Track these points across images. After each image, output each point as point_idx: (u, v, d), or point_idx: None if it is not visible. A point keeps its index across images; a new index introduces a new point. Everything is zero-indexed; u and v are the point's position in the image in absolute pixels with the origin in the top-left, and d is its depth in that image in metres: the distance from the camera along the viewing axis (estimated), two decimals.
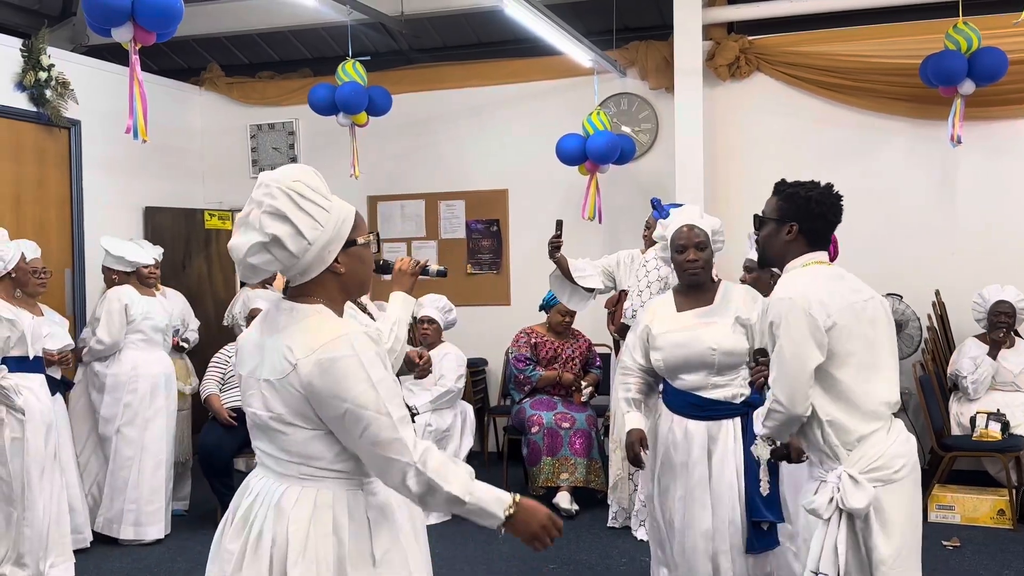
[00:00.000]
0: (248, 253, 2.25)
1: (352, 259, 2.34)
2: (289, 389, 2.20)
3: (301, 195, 2.29)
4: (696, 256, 3.85)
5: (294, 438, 2.24)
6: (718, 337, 3.74)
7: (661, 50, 7.58)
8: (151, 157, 7.82)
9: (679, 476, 3.80)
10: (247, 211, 2.28)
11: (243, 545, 2.28)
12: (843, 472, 2.85)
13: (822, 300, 2.90)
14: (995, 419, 6.06)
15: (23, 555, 4.85)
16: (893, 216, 7.14)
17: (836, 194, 3.15)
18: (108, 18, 4.77)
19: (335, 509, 2.25)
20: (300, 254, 2.25)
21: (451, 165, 8.17)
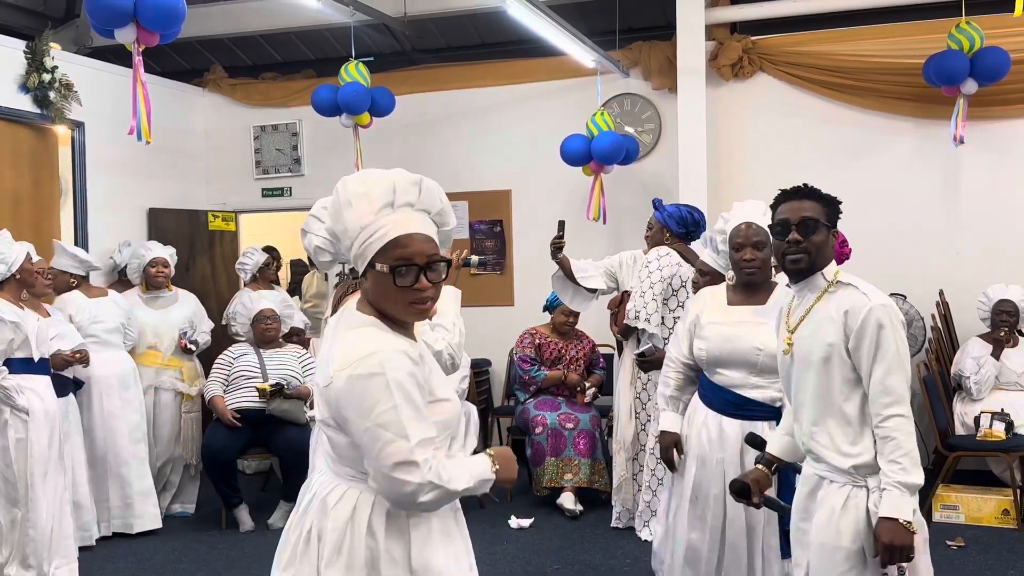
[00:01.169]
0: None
1: (372, 279, 2.29)
2: (330, 397, 2.24)
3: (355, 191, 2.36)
4: (753, 255, 3.73)
5: (338, 441, 2.29)
6: (765, 338, 3.61)
7: (664, 50, 7.58)
8: (155, 159, 7.84)
9: (714, 473, 3.74)
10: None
11: (298, 537, 2.35)
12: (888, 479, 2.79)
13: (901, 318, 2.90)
14: (999, 419, 6.05)
15: (27, 556, 4.86)
16: (897, 216, 7.13)
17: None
18: (111, 20, 4.78)
19: (373, 511, 2.27)
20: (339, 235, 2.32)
21: (454, 166, 8.17)
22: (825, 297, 2.91)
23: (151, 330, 6.42)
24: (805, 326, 2.93)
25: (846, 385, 2.84)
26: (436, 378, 2.34)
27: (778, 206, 3.00)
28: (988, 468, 6.39)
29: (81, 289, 6.05)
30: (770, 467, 3.17)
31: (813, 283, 2.94)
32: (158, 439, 6.42)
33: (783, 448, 3.18)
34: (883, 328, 2.78)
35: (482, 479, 2.30)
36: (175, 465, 6.52)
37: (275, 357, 6.35)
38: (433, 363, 2.40)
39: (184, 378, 6.51)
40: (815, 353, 2.88)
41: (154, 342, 6.42)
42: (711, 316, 3.82)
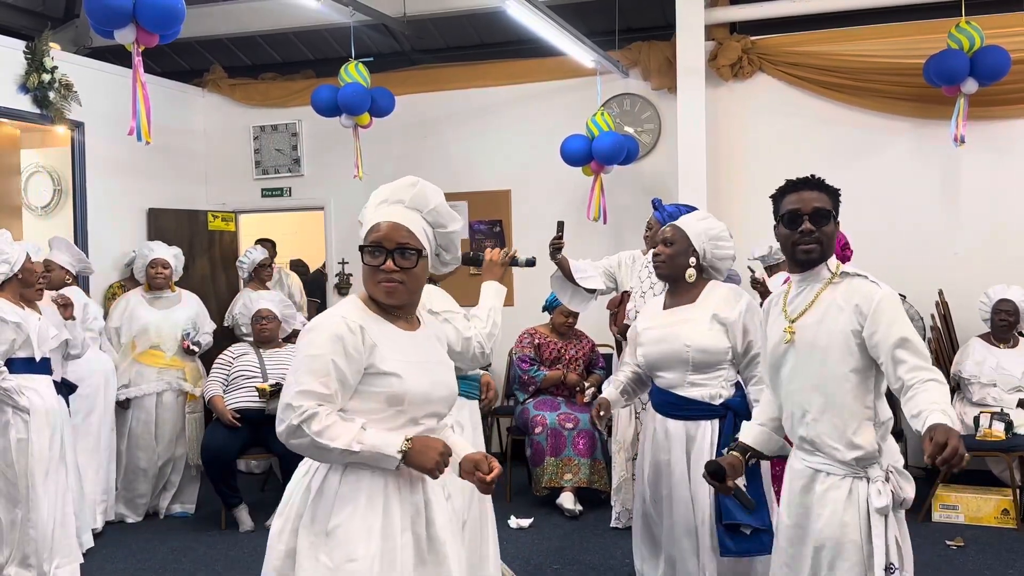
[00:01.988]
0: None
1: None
2: None
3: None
4: (660, 251, 3.89)
5: None
6: (693, 334, 3.73)
7: (664, 50, 7.59)
8: (154, 159, 7.84)
9: (663, 475, 3.82)
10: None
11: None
12: (889, 467, 2.87)
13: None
14: (999, 419, 6.05)
15: (28, 556, 4.86)
16: (896, 216, 7.14)
17: None
18: (110, 20, 4.78)
19: (314, 476, 2.54)
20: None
21: (454, 166, 8.17)
22: (830, 287, 2.92)
23: (153, 330, 6.42)
24: (810, 315, 2.93)
25: (854, 375, 2.86)
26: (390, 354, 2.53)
27: (783, 196, 3.02)
28: (988, 468, 6.39)
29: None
30: (744, 455, 3.19)
31: (817, 274, 2.96)
32: (159, 439, 6.42)
33: (757, 438, 3.20)
34: (898, 309, 2.81)
35: (376, 451, 2.46)
36: (176, 465, 6.51)
37: (275, 357, 6.35)
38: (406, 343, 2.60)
39: (187, 378, 6.51)
40: (821, 340, 2.88)
41: (156, 342, 6.42)
42: (646, 322, 3.93)
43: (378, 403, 2.52)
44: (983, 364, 6.42)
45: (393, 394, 2.53)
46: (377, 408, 2.53)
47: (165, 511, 6.51)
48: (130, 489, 6.41)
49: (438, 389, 2.64)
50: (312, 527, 2.49)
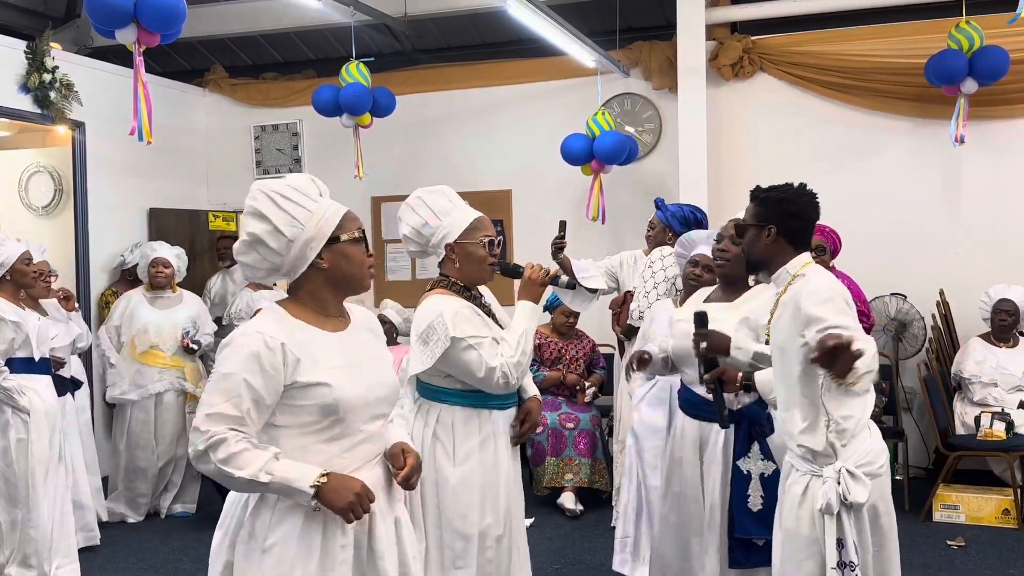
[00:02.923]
0: (237, 252, 2.49)
1: (336, 255, 2.47)
2: None
3: (282, 195, 2.44)
4: (726, 247, 3.70)
5: None
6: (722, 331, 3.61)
7: (664, 50, 7.59)
8: (155, 159, 7.84)
9: (675, 472, 3.81)
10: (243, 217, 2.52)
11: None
12: (841, 468, 2.90)
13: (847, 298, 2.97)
14: (999, 418, 6.05)
15: (28, 556, 4.85)
16: (897, 215, 7.14)
17: (810, 193, 3.15)
18: (111, 20, 4.78)
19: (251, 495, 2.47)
20: (283, 251, 2.44)
21: (455, 166, 8.17)
22: (789, 289, 3.03)
23: (153, 329, 6.42)
24: (776, 317, 3.07)
25: (803, 374, 2.93)
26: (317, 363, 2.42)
27: None
28: (988, 468, 6.39)
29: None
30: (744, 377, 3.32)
31: (779, 278, 3.08)
32: (160, 439, 6.42)
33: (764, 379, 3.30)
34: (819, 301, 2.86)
35: (287, 484, 2.34)
36: (177, 465, 6.51)
37: None
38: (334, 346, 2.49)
39: (187, 378, 6.50)
40: (779, 340, 3.03)
41: (156, 341, 6.41)
42: (682, 313, 3.86)
43: (312, 416, 2.41)
44: (984, 364, 6.42)
45: (325, 404, 2.41)
46: (312, 421, 2.42)
47: (166, 511, 6.50)
48: (131, 489, 6.41)
49: (375, 390, 2.52)
50: (249, 543, 2.43)
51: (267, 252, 2.44)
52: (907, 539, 5.51)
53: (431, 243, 3.45)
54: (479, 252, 3.36)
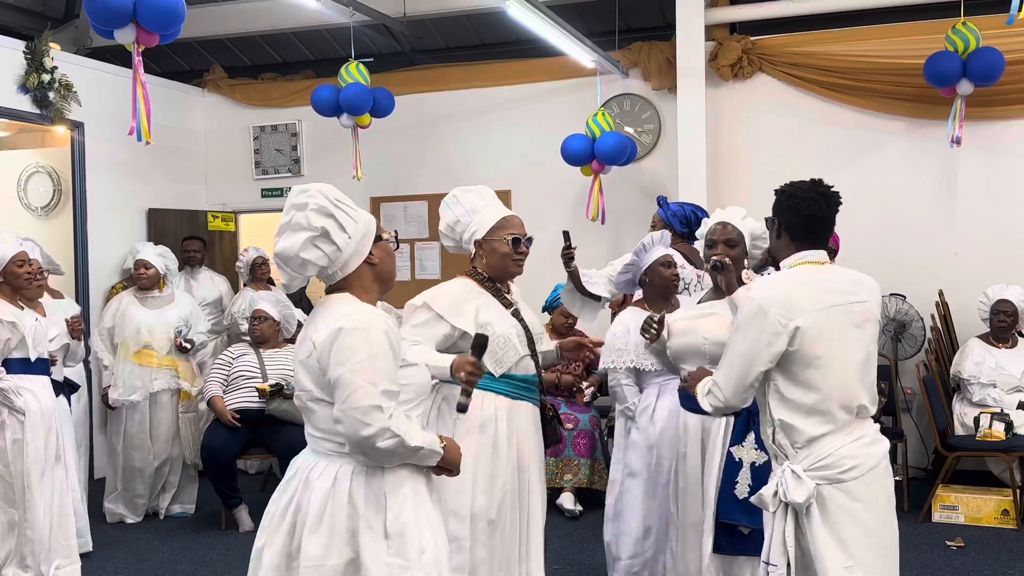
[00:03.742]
0: (301, 248, 2.54)
1: (383, 251, 2.67)
2: (312, 364, 2.52)
3: (337, 198, 2.59)
4: (724, 252, 3.81)
5: (321, 414, 2.55)
6: (712, 328, 3.66)
7: (664, 51, 7.58)
8: (154, 159, 7.84)
9: (680, 468, 3.86)
10: (288, 217, 2.58)
11: (275, 510, 2.60)
12: (787, 467, 2.93)
13: (788, 304, 2.92)
14: (999, 419, 6.05)
15: (25, 557, 4.84)
16: (896, 216, 7.14)
17: (815, 189, 3.10)
18: (110, 20, 4.78)
19: (352, 482, 2.50)
20: (343, 246, 2.57)
21: (454, 166, 8.17)
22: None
23: (145, 329, 6.39)
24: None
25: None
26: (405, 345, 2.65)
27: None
28: (988, 468, 6.40)
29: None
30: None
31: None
32: (155, 439, 6.40)
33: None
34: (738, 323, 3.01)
35: (432, 448, 2.56)
36: (173, 465, 6.50)
37: (274, 357, 6.34)
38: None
39: (181, 377, 6.48)
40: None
41: (148, 341, 6.37)
42: (676, 315, 3.90)
43: (408, 394, 2.59)
44: (983, 364, 6.42)
45: (420, 384, 2.65)
46: (408, 399, 2.59)
47: (165, 511, 6.50)
48: (129, 489, 6.41)
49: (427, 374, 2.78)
50: (372, 533, 2.48)
51: (330, 248, 2.56)
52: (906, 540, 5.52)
53: (463, 239, 3.68)
54: (503, 249, 3.56)
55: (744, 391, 2.99)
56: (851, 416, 2.97)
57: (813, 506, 2.89)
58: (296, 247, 2.53)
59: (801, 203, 3.07)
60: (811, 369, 2.92)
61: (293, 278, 2.62)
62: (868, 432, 3.01)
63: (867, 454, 2.96)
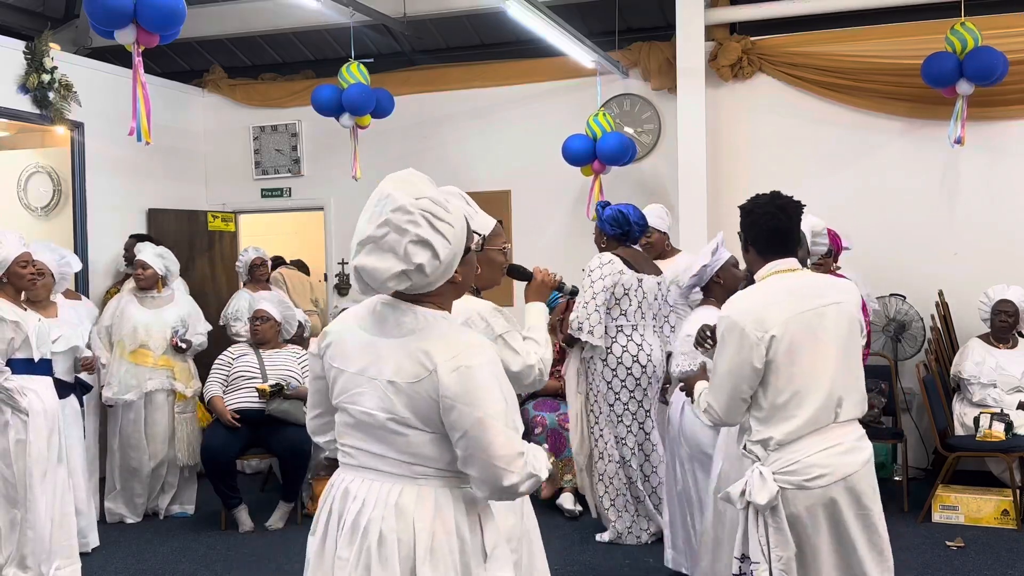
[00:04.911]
0: (390, 279, 2.26)
1: (467, 267, 2.42)
2: (422, 393, 2.25)
3: (436, 216, 2.29)
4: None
5: (413, 440, 2.29)
6: None
7: (664, 51, 7.58)
8: (154, 159, 7.85)
9: (705, 467, 3.83)
10: (381, 233, 2.27)
11: (360, 550, 2.31)
12: (757, 468, 3.00)
13: (759, 317, 3.00)
14: (999, 419, 6.05)
15: (26, 557, 4.84)
16: (896, 216, 7.13)
17: (773, 203, 3.19)
18: (111, 20, 4.78)
19: (455, 508, 2.33)
20: (432, 273, 2.28)
21: (454, 166, 8.17)
22: None
23: (142, 329, 6.37)
24: None
25: None
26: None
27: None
28: (988, 468, 6.40)
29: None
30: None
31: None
32: (151, 439, 6.38)
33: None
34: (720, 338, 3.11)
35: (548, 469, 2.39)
36: (171, 466, 6.49)
37: (274, 357, 6.35)
38: None
39: (177, 378, 6.46)
40: None
41: (145, 340, 6.36)
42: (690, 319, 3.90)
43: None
44: (983, 365, 6.42)
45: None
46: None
47: (165, 511, 6.50)
48: (127, 490, 6.40)
49: None
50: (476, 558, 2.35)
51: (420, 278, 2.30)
52: (906, 540, 5.53)
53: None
54: (499, 258, 3.26)
55: (737, 407, 3.05)
56: (829, 420, 3.01)
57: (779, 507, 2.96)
58: (385, 275, 2.25)
59: (760, 218, 3.17)
60: (783, 374, 2.99)
61: (366, 290, 2.35)
62: (846, 439, 3.04)
63: (839, 463, 3.00)
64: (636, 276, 5.44)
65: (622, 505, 5.57)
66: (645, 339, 5.48)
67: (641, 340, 5.47)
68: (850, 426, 3.07)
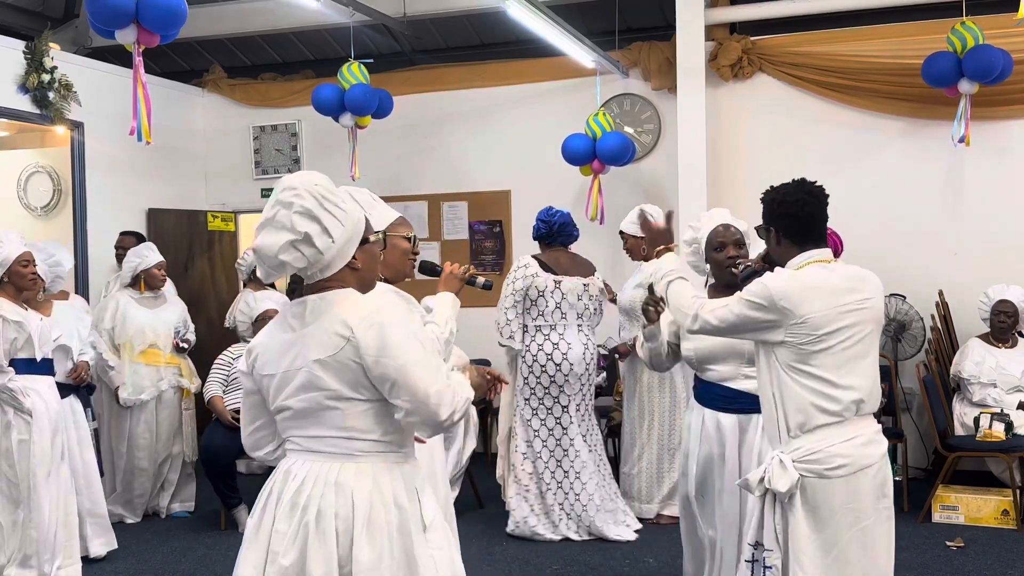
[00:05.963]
0: (280, 251, 2.41)
1: (367, 255, 2.55)
2: (345, 362, 2.39)
3: (324, 197, 2.44)
4: (735, 252, 3.83)
5: (348, 412, 2.43)
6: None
7: (664, 51, 7.58)
8: (154, 159, 7.84)
9: (714, 468, 3.79)
10: (273, 212, 2.44)
11: (298, 525, 2.41)
12: (777, 455, 3.01)
13: (796, 304, 3.01)
14: (999, 419, 6.05)
15: (29, 556, 4.84)
16: (896, 216, 7.13)
17: (807, 188, 3.18)
18: (113, 20, 4.78)
19: (392, 481, 2.45)
20: (325, 250, 2.42)
21: (454, 166, 8.17)
22: None
23: (149, 329, 6.39)
24: None
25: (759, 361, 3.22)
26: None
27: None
28: (987, 468, 6.40)
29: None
30: None
31: None
32: (158, 436, 6.40)
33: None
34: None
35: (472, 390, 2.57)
36: (173, 463, 6.49)
37: None
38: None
39: (184, 375, 6.51)
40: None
41: (153, 340, 6.38)
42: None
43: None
44: (983, 364, 6.42)
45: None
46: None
47: (166, 511, 6.50)
48: (129, 490, 6.40)
49: None
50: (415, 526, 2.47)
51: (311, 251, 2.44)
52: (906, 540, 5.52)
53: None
54: (403, 244, 3.27)
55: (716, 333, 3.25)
56: (852, 413, 3.03)
57: (796, 496, 2.97)
58: (275, 248, 2.40)
59: (792, 206, 3.14)
60: (819, 363, 3.00)
61: (269, 274, 2.53)
62: (866, 432, 3.07)
63: (860, 454, 3.02)
64: (553, 278, 5.69)
65: (521, 495, 5.72)
66: (564, 338, 5.69)
67: (559, 339, 5.67)
68: (868, 419, 3.10)
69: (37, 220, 7.81)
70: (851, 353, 3.03)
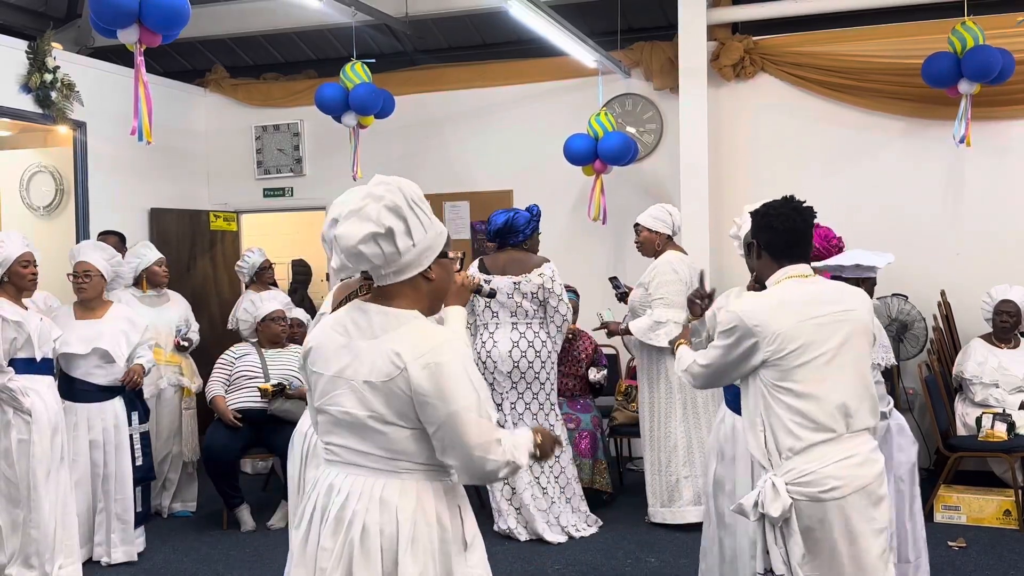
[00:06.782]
0: (361, 241, 2.35)
1: (442, 269, 2.50)
2: (395, 391, 2.33)
3: (415, 200, 2.41)
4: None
5: (393, 436, 2.38)
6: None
7: (666, 50, 7.58)
8: (156, 159, 7.85)
9: (728, 470, 3.80)
10: (362, 203, 2.38)
11: (344, 541, 2.39)
12: (769, 478, 2.96)
13: (766, 321, 2.99)
14: (1001, 419, 6.05)
15: (30, 556, 4.85)
16: (898, 216, 7.13)
17: (791, 204, 3.17)
18: (115, 20, 4.78)
19: (435, 499, 2.42)
20: (404, 251, 2.38)
21: (455, 166, 8.17)
22: None
23: (152, 328, 6.39)
24: None
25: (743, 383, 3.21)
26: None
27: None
28: (989, 469, 6.39)
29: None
30: None
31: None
32: (158, 435, 6.39)
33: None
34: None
35: (530, 453, 2.50)
36: (173, 462, 6.49)
37: (277, 357, 6.35)
38: None
39: (184, 374, 6.51)
40: None
41: (156, 338, 6.38)
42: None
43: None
44: (985, 365, 6.42)
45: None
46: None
47: (167, 510, 6.50)
48: None
49: None
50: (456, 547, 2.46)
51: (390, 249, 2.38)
52: None
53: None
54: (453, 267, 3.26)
55: (716, 383, 3.29)
56: (844, 429, 2.98)
57: (792, 519, 2.94)
58: (356, 238, 2.34)
59: (777, 220, 3.14)
60: (800, 377, 2.97)
61: (344, 266, 2.42)
62: (861, 451, 3.01)
63: (853, 476, 2.97)
64: (484, 278, 5.75)
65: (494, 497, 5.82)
66: (493, 336, 5.75)
67: (488, 337, 5.76)
68: (863, 436, 3.03)
69: (39, 220, 7.82)
70: (834, 366, 2.99)
